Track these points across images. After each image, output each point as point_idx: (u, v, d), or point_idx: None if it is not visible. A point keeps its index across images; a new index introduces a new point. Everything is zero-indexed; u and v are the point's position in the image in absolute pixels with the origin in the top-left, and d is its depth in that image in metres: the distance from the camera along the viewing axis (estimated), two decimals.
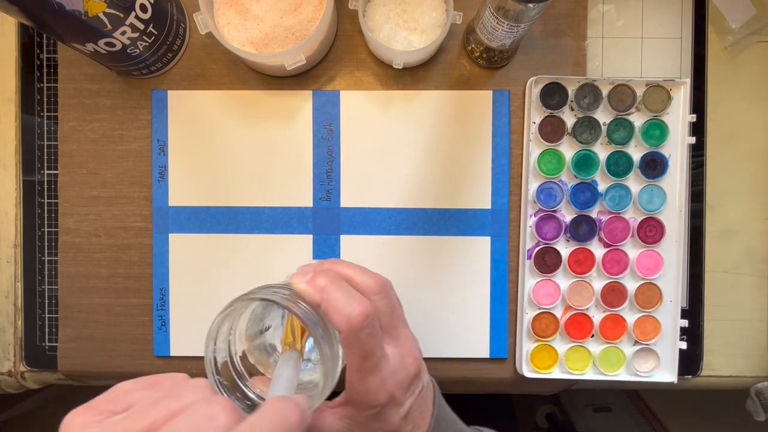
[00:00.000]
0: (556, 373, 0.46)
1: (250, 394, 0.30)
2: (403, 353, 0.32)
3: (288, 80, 0.47)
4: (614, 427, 0.82)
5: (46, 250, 0.48)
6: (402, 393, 0.31)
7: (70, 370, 0.48)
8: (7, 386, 0.49)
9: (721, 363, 0.48)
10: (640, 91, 0.45)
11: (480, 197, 0.47)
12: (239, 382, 0.31)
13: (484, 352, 0.47)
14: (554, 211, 0.46)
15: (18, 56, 0.47)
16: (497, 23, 0.38)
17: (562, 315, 0.46)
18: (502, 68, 0.47)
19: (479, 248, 0.47)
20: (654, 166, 0.45)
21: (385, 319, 0.32)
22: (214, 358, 0.30)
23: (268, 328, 0.34)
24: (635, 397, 0.84)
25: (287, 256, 0.47)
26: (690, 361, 0.48)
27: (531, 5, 0.35)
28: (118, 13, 0.37)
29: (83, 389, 0.47)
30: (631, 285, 0.46)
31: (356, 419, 0.31)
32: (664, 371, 0.46)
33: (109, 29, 0.37)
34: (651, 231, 0.46)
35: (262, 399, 0.30)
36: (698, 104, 0.47)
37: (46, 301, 0.48)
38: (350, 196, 0.47)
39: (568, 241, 0.46)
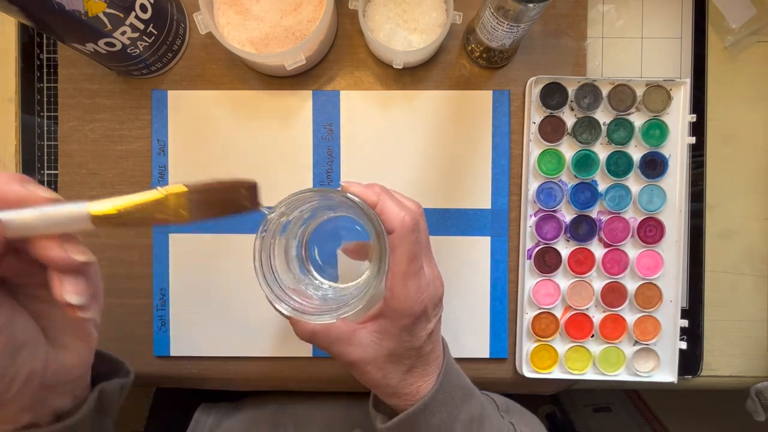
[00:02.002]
0: (556, 373, 0.46)
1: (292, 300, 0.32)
2: (434, 274, 0.35)
3: (288, 80, 0.47)
4: (614, 427, 0.82)
5: None
6: (431, 309, 0.33)
7: None
8: None
9: (721, 363, 0.48)
10: (640, 91, 0.45)
11: (480, 197, 0.47)
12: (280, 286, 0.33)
13: (484, 352, 0.47)
14: (554, 211, 0.46)
15: (18, 56, 0.47)
16: (497, 23, 0.38)
17: (562, 315, 0.46)
18: (502, 68, 0.47)
19: (479, 248, 0.47)
20: (654, 166, 0.45)
21: (423, 238, 0.34)
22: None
23: None
24: (635, 397, 0.84)
25: None
26: (690, 361, 0.48)
27: (531, 5, 0.35)
28: (118, 13, 0.37)
29: None
30: (631, 285, 0.46)
31: (388, 331, 0.33)
32: (664, 371, 0.46)
33: (109, 29, 0.37)
34: (651, 231, 0.46)
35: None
36: (698, 104, 0.47)
37: None
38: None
39: (568, 241, 0.46)
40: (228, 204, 0.29)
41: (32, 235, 0.24)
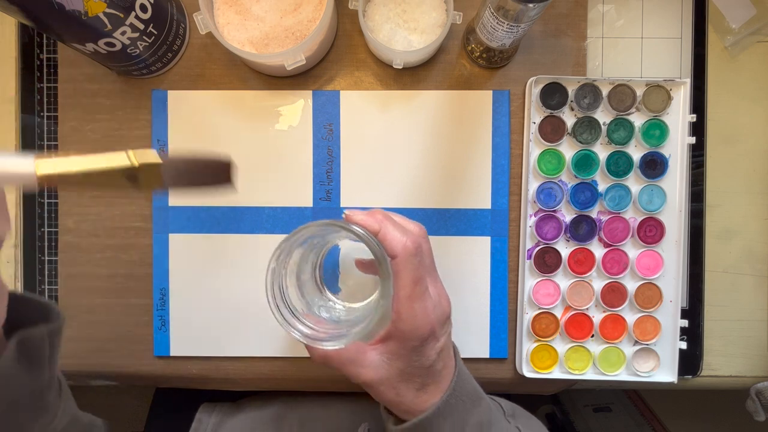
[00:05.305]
0: (556, 373, 0.46)
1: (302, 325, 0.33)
2: (440, 293, 0.36)
3: (288, 80, 0.47)
4: (614, 427, 0.82)
5: (46, 250, 0.48)
6: (439, 328, 0.34)
7: (70, 370, 0.48)
8: None
9: (721, 363, 0.48)
10: (640, 91, 0.45)
11: (480, 197, 0.47)
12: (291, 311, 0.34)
13: (484, 352, 0.47)
14: (554, 211, 0.46)
15: (18, 56, 0.47)
16: (497, 23, 0.38)
17: (562, 315, 0.46)
18: (502, 68, 0.47)
19: (479, 248, 0.47)
20: (654, 166, 0.45)
21: (427, 260, 0.35)
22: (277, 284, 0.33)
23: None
24: (635, 397, 0.84)
25: None
26: (690, 361, 0.48)
27: (531, 5, 0.35)
28: (118, 13, 0.37)
29: (83, 389, 0.47)
30: (631, 285, 0.46)
31: (398, 352, 0.34)
32: (664, 371, 0.46)
33: (109, 29, 0.37)
34: (651, 231, 0.46)
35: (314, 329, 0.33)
36: (698, 104, 0.47)
37: None
38: (350, 196, 0.47)
39: (568, 241, 0.46)
40: (202, 180, 0.26)
41: None
